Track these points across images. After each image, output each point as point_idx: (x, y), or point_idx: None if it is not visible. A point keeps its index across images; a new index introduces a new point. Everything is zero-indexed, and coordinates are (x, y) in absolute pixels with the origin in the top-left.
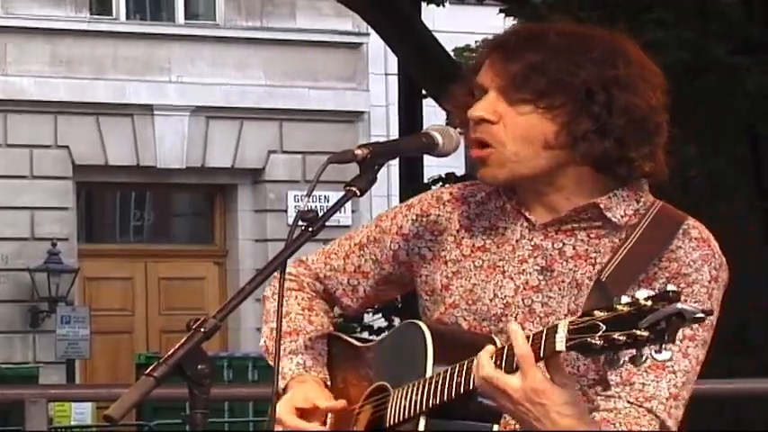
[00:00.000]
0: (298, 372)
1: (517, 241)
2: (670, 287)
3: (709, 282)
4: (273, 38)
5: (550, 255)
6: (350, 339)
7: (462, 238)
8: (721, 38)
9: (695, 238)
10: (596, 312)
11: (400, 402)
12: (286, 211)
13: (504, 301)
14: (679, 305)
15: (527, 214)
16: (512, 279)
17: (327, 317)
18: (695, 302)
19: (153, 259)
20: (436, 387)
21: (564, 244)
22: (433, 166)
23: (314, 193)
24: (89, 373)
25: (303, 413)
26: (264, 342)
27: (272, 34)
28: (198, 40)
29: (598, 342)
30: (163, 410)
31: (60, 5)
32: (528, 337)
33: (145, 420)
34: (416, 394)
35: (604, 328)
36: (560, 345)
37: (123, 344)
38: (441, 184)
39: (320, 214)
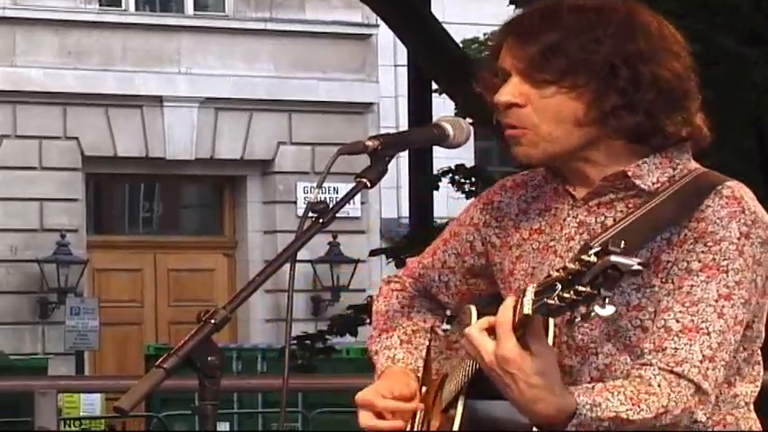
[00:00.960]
0: (387, 365)
1: (564, 220)
2: (613, 243)
3: (739, 238)
4: (283, 29)
5: (593, 229)
6: (441, 332)
7: (521, 221)
8: (729, 29)
9: (726, 197)
10: (553, 273)
11: (449, 386)
12: (295, 202)
13: None
14: (613, 258)
15: (571, 190)
16: (562, 258)
17: (431, 313)
18: (724, 260)
19: (162, 251)
20: (468, 364)
21: (606, 217)
22: (442, 158)
23: (323, 184)
24: (98, 364)
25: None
26: (367, 342)
27: (282, 26)
28: (207, 32)
29: (554, 302)
30: (171, 401)
31: None
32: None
33: (154, 411)
34: (458, 374)
35: (560, 287)
36: (527, 308)
37: (132, 335)
38: (450, 175)
39: (330, 206)
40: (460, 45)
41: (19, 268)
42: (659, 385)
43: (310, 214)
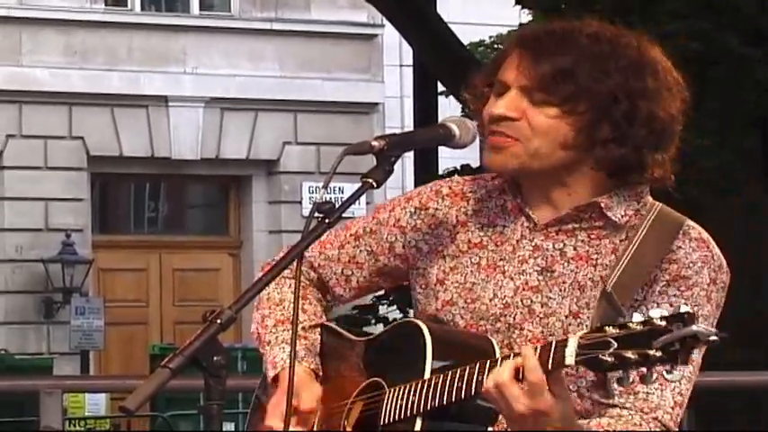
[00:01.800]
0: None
1: (518, 241)
2: (684, 308)
3: (708, 285)
4: (288, 29)
5: (551, 255)
6: (343, 331)
7: (458, 233)
8: (733, 29)
9: (695, 239)
10: (608, 329)
11: (396, 401)
12: (300, 202)
13: (504, 302)
14: (695, 327)
15: (530, 213)
16: (512, 279)
17: (320, 305)
18: (695, 306)
19: (167, 250)
20: (435, 389)
21: (564, 244)
22: (447, 158)
23: (329, 184)
24: (103, 364)
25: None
26: (255, 329)
27: (287, 25)
28: (213, 32)
29: (609, 359)
30: (176, 401)
31: None
32: (535, 349)
33: (159, 411)
34: (414, 395)
35: (616, 345)
36: (570, 359)
37: (137, 335)
38: (456, 175)
39: (336, 206)
40: (466, 47)
41: (24, 268)
42: (641, 424)
43: (316, 214)
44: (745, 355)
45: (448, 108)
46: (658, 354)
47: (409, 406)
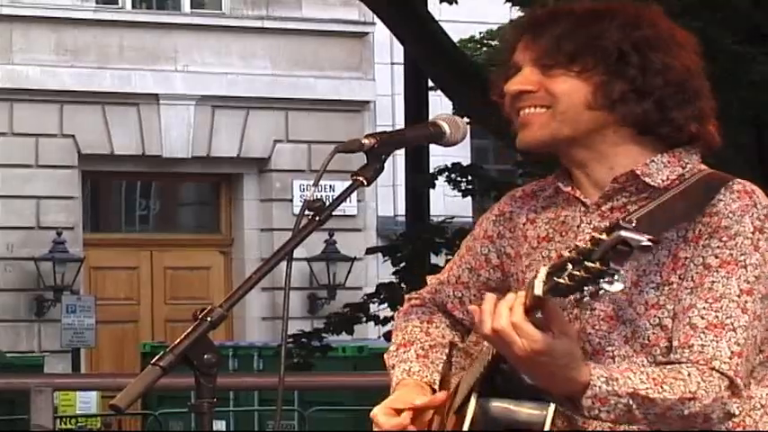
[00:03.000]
0: (402, 377)
1: (578, 227)
2: (620, 218)
3: (753, 232)
4: (279, 27)
5: None
6: (467, 347)
7: (527, 230)
8: (728, 27)
9: (737, 191)
10: (565, 253)
11: (462, 387)
12: (291, 200)
13: None
14: (623, 233)
15: (581, 197)
16: None
17: (450, 329)
18: (741, 255)
19: (158, 248)
20: (480, 363)
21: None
22: (438, 156)
23: (320, 182)
24: (94, 362)
25: (400, 413)
26: (386, 358)
27: (278, 23)
28: (204, 30)
29: (564, 281)
30: (167, 399)
31: None
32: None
33: (150, 409)
34: (469, 375)
35: (570, 267)
36: (538, 289)
37: (128, 333)
38: (446, 174)
39: (326, 203)
40: (457, 45)
41: (15, 266)
42: (689, 374)
43: (307, 212)
44: None
45: (439, 106)
46: (597, 265)
47: (467, 386)
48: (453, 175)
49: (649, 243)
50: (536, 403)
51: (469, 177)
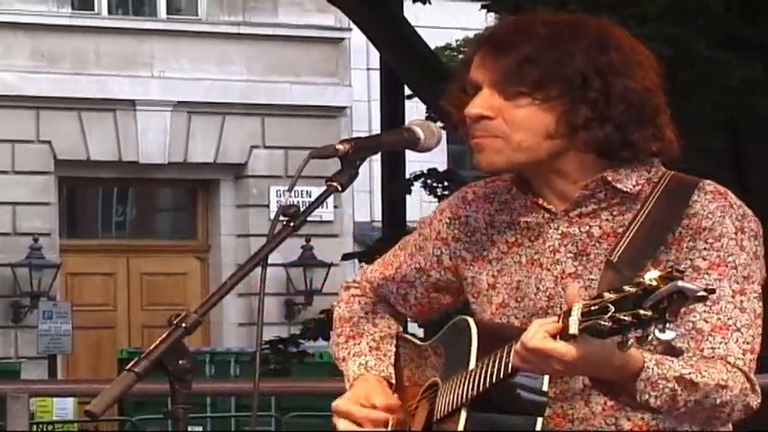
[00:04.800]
0: (359, 372)
1: (545, 232)
2: (675, 267)
3: (736, 233)
4: (255, 33)
5: (580, 240)
6: (414, 339)
7: (492, 235)
8: (702, 32)
9: (710, 191)
10: (606, 294)
11: (446, 396)
12: (268, 206)
13: (547, 294)
14: (679, 283)
15: (545, 204)
16: (549, 270)
17: (394, 319)
18: (729, 256)
19: (135, 254)
20: (475, 378)
21: (590, 227)
22: (415, 162)
23: (296, 188)
24: (71, 368)
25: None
26: (331, 348)
27: (255, 29)
28: (180, 36)
29: (607, 324)
30: (145, 405)
31: (43, 0)
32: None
33: (127, 415)
34: (459, 387)
35: (613, 309)
36: (573, 328)
37: (105, 339)
38: (422, 179)
39: (302, 209)
40: (433, 51)
41: None
42: (715, 365)
43: (282, 218)
44: None
45: (416, 112)
46: (649, 313)
47: (456, 399)
48: (429, 181)
49: (705, 294)
50: (526, 416)
51: (446, 183)
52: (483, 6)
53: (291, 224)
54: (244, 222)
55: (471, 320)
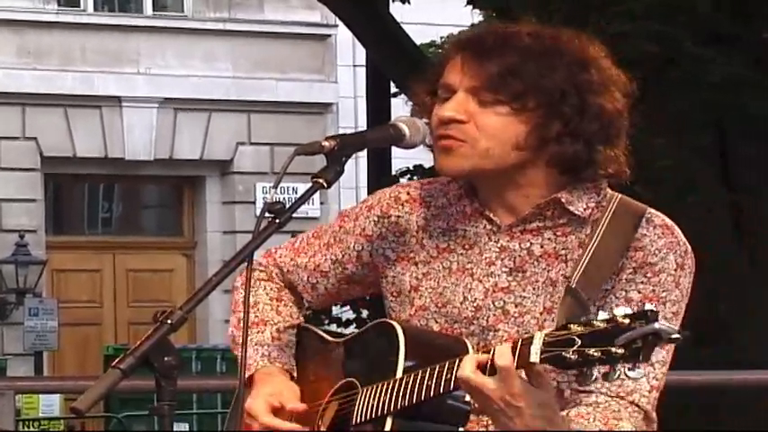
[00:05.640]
0: (263, 363)
1: (484, 244)
2: (648, 306)
3: (675, 270)
4: (241, 29)
5: (519, 256)
6: (320, 332)
7: (423, 238)
8: (688, 30)
9: (659, 226)
10: (572, 326)
11: (368, 401)
12: (254, 202)
13: (475, 305)
14: (657, 325)
15: (490, 215)
16: (480, 282)
17: (297, 307)
18: (663, 292)
19: (121, 251)
20: (406, 388)
21: (531, 244)
22: (401, 158)
23: (282, 184)
24: (57, 365)
25: (273, 410)
26: (231, 332)
27: (241, 26)
28: (166, 32)
29: (572, 357)
30: (131, 402)
31: None
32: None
33: (113, 412)
34: (385, 394)
35: (580, 342)
36: (534, 357)
37: (91, 336)
38: (409, 176)
39: (288, 206)
40: (419, 48)
41: None
42: (619, 410)
43: (267, 214)
44: (699, 355)
45: (402, 108)
46: (620, 351)
47: (380, 405)
48: (415, 178)
49: (680, 337)
50: (450, 426)
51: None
52: (468, 3)
53: (277, 221)
54: (230, 219)
55: (398, 326)
